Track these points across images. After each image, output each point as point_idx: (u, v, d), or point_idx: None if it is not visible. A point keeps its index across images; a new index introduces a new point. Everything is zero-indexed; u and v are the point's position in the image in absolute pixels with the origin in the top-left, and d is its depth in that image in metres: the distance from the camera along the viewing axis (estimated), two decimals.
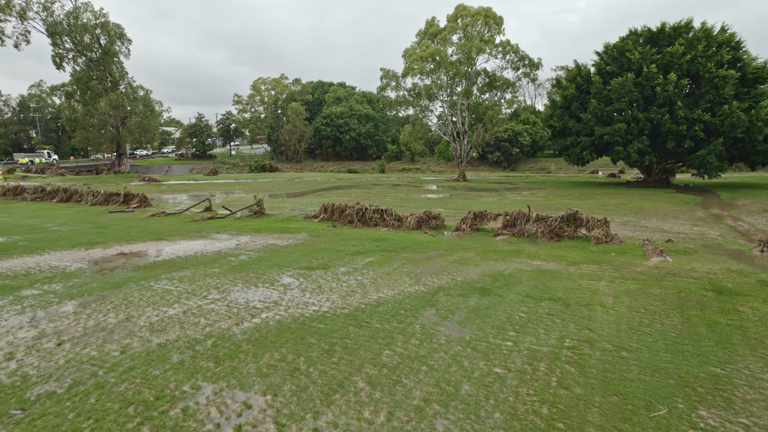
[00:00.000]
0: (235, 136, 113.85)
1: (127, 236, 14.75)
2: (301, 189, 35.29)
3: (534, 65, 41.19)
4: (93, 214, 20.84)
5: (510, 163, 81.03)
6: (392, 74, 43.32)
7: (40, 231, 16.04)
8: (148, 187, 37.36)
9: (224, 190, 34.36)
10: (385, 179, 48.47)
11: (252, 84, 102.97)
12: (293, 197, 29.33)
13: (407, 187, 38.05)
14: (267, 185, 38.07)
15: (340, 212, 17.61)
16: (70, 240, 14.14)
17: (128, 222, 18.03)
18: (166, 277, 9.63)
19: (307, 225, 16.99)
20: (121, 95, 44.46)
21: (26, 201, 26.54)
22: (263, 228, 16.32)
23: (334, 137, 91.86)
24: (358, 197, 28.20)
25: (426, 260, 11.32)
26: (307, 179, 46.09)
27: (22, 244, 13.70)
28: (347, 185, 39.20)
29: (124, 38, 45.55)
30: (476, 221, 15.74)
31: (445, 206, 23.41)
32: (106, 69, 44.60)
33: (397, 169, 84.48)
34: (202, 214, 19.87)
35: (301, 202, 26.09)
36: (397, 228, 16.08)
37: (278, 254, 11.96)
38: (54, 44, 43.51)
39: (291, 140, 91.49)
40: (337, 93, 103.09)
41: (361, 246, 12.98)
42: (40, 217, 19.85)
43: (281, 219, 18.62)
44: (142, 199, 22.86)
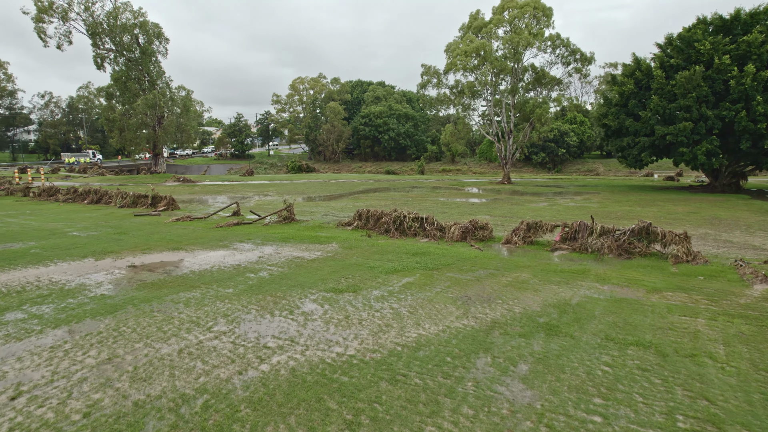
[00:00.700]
0: (273, 136, 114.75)
1: (144, 244, 13.77)
2: (337, 191, 34.12)
3: (586, 60, 38.57)
4: (118, 217, 20.21)
5: (555, 165, 77.72)
6: (434, 71, 41.61)
7: (59, 236, 15.33)
8: (181, 188, 37.14)
9: (257, 192, 33.60)
10: (424, 181, 46.81)
11: (290, 83, 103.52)
12: (327, 200, 28.15)
13: (448, 190, 36.30)
14: (301, 187, 37.16)
15: (376, 220, 16.15)
16: (84, 248, 13.26)
17: (150, 227, 17.17)
18: (171, 300, 8.40)
19: (339, 234, 15.61)
20: (156, 94, 44.70)
21: (58, 202, 26.44)
22: (291, 236, 15.05)
23: (372, 137, 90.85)
24: (395, 201, 26.71)
25: (474, 282, 9.68)
26: (343, 181, 45.02)
27: (34, 251, 12.91)
28: (385, 188, 37.83)
29: (161, 37, 45.83)
30: (530, 233, 13.94)
31: (491, 213, 21.59)
32: (144, 68, 44.95)
33: (436, 170, 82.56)
34: (229, 219, 18.85)
35: (335, 206, 24.82)
36: (439, 239, 14.47)
37: (303, 271, 10.59)
38: (94, 44, 44.20)
39: (329, 140, 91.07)
40: (376, 92, 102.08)
41: (398, 261, 11.46)
42: (65, 220, 19.33)
43: (312, 226, 17.33)
44: (170, 202, 22.15)
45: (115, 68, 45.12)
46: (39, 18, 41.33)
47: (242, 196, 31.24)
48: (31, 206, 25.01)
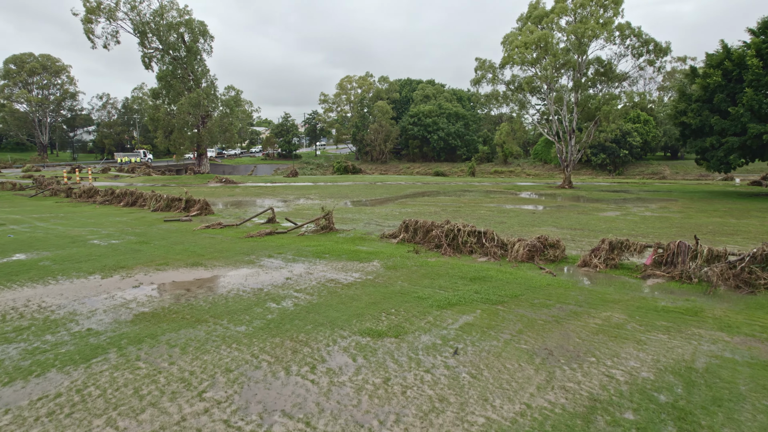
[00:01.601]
0: (321, 136, 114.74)
1: (162, 258, 12.38)
2: (382, 195, 32.33)
3: (661, 51, 34.90)
4: (147, 222, 19.20)
5: (616, 167, 72.87)
6: (488, 65, 39.05)
7: (78, 245, 14.26)
8: (222, 189, 36.47)
9: (299, 195, 32.30)
10: (476, 184, 44.29)
11: (338, 82, 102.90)
12: (372, 205, 26.36)
13: (503, 195, 33.73)
14: (345, 190, 35.63)
15: (425, 232, 14.15)
16: (97, 261, 12.01)
17: (176, 235, 15.89)
18: (167, 341, 6.75)
19: (383, 248, 13.71)
20: (200, 93, 44.50)
21: (96, 204, 26.04)
22: (328, 251, 13.29)
23: (421, 137, 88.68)
24: (445, 207, 24.57)
25: (553, 325, 7.52)
26: (390, 183, 43.23)
27: (43, 264, 11.76)
28: (434, 191, 35.69)
29: (206, 35, 45.66)
30: (613, 254, 11.53)
31: (557, 224, 19.09)
32: (189, 67, 44.87)
33: (488, 172, 79.42)
34: (262, 227, 17.36)
35: (380, 212, 22.97)
36: (500, 259, 12.30)
37: (336, 300, 8.75)
38: (141, 44, 44.55)
39: (376, 140, 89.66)
40: (426, 90, 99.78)
41: (453, 290, 9.43)
42: (93, 225, 18.47)
43: (352, 238, 15.53)
44: (203, 206, 21.01)
45: (161, 68, 45.37)
46: (87, 19, 42.02)
47: (282, 200, 30.00)
48: (67, 208, 24.66)
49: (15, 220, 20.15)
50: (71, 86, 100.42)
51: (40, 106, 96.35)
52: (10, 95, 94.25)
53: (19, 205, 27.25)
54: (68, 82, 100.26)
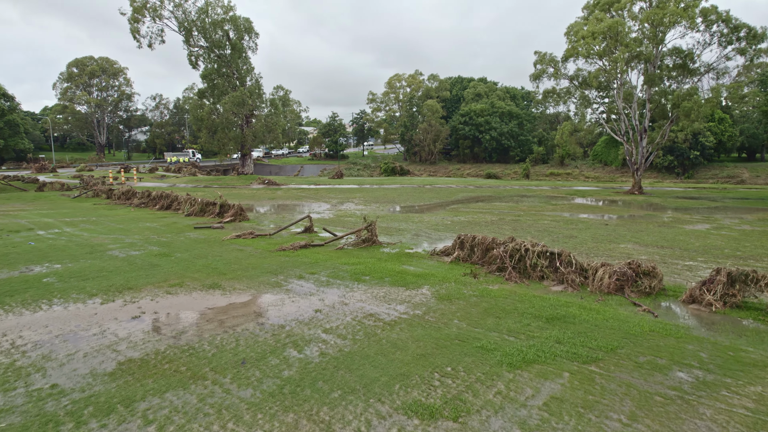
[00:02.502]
0: (368, 136, 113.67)
1: (177, 276, 10.88)
2: (432, 200, 30.20)
3: (755, 38, 30.89)
4: (176, 229, 17.99)
5: (685, 170, 67.42)
6: (550, 58, 36.10)
7: (95, 256, 13.07)
8: (263, 191, 35.44)
9: (342, 199, 30.68)
10: (534, 188, 41.32)
11: (387, 81, 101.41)
12: (420, 212, 24.32)
13: (566, 201, 30.84)
14: (392, 193, 33.76)
15: (484, 251, 12.02)
16: (106, 279, 10.65)
17: (202, 247, 14.45)
18: (144, 414, 5.04)
19: (434, 269, 11.69)
20: (244, 92, 43.80)
21: (132, 206, 25.39)
22: (368, 271, 11.40)
23: (472, 137, 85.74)
24: (503, 216, 22.20)
25: (680, 405, 5.30)
26: (440, 186, 41.02)
27: (47, 281, 10.52)
28: (488, 196, 33.19)
29: (251, 32, 45.00)
30: (733, 288, 9.03)
31: (639, 239, 16.42)
32: (233, 65, 44.29)
33: (543, 174, 75.60)
34: (297, 237, 15.72)
35: (430, 221, 20.91)
36: (579, 288, 10.02)
37: (374, 348, 6.83)
38: (186, 42, 44.41)
39: (425, 140, 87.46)
40: (477, 89, 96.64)
41: (526, 335, 7.32)
42: (119, 232, 17.43)
43: (397, 254, 13.59)
44: (237, 212, 19.67)
45: (207, 66, 45.12)
46: (134, 18, 42.26)
47: (324, 204, 28.45)
48: (102, 211, 24.07)
49: (46, 224, 19.51)
50: (127, 88, 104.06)
51: (99, 107, 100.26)
52: (73, 97, 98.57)
53: (59, 206, 27.06)
54: (125, 83, 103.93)
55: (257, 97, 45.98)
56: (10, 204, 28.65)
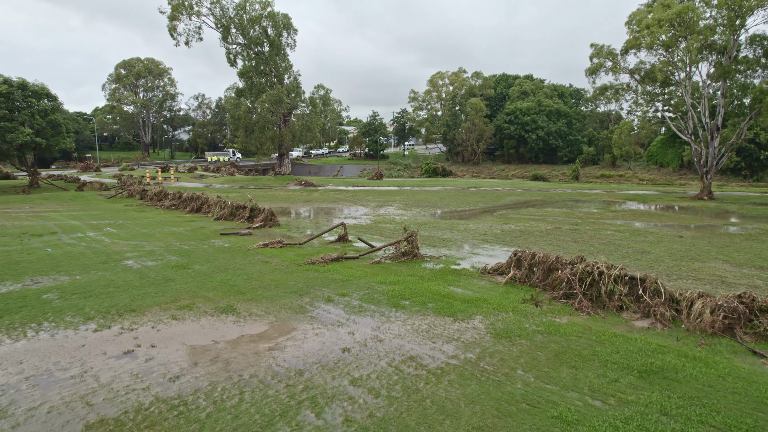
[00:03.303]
0: (409, 135, 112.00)
1: (190, 295, 9.59)
2: (477, 204, 28.26)
3: None
4: (201, 235, 16.88)
5: (754, 172, 62.36)
6: (608, 51, 33.39)
7: (108, 267, 12.03)
8: (299, 193, 34.36)
9: (381, 202, 29.13)
10: (587, 191, 38.54)
11: (429, 79, 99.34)
12: (466, 218, 22.46)
13: (627, 208, 28.15)
14: (434, 196, 31.97)
15: (546, 271, 10.19)
16: (110, 297, 9.50)
17: (225, 257, 13.17)
18: None
19: (486, 292, 9.95)
20: (281, 90, 42.91)
21: (162, 208, 24.69)
22: (409, 293, 9.78)
23: (517, 136, 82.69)
24: (558, 224, 20.10)
25: None
26: (485, 189, 38.89)
27: (47, 297, 9.47)
28: (538, 200, 30.90)
29: (290, 28, 44.12)
30: None
31: (729, 257, 14.08)
32: (271, 62, 43.51)
33: (593, 176, 71.84)
34: (330, 247, 14.27)
35: (477, 229, 19.06)
36: (671, 323, 8.08)
37: (416, 412, 5.22)
38: (224, 39, 43.99)
39: (468, 140, 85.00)
40: (523, 86, 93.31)
41: (617, 399, 5.54)
42: (142, 238, 16.47)
43: (441, 270, 11.90)
44: (268, 217, 18.45)
45: (245, 63, 44.59)
46: (173, 16, 42.16)
47: (361, 208, 27.00)
48: (131, 213, 23.43)
49: (70, 228, 18.87)
50: (172, 88, 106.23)
51: (145, 107, 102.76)
52: (120, 97, 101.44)
53: (92, 207, 26.76)
54: (169, 83, 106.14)
55: (296, 95, 45.08)
56: (46, 204, 28.63)
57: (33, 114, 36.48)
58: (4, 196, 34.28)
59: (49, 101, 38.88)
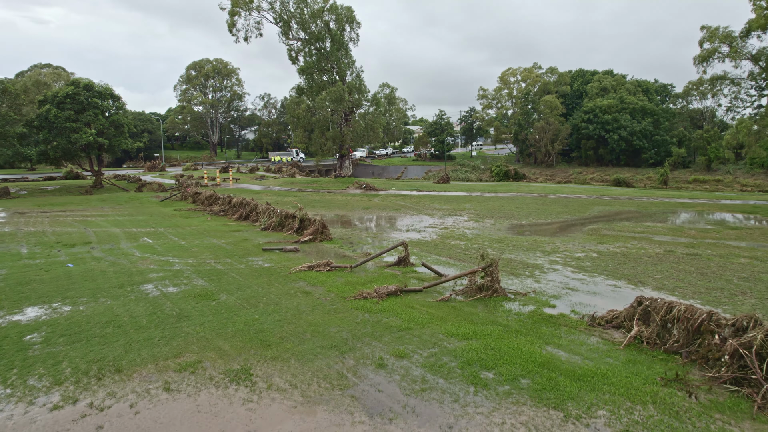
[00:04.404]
0: (477, 135, 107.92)
1: (201, 345, 7.45)
2: (561, 215, 24.74)
3: None
4: (241, 251, 14.91)
5: None
6: (724, 34, 28.73)
7: (122, 293, 10.33)
8: (358, 198, 32.20)
9: (448, 211, 26.29)
10: (688, 201, 33.56)
11: (500, 75, 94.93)
12: (551, 234, 19.21)
13: (754, 228, 23.19)
14: (509, 205, 28.71)
15: (690, 332, 7.15)
16: (105, 341, 7.67)
17: (258, 284, 10.98)
18: None
19: (603, 361, 7.06)
20: (342, 87, 40.96)
21: (209, 215, 23.21)
22: (492, 356, 7.10)
23: (597, 137, 76.72)
24: (671, 247, 16.47)
25: None
26: (566, 196, 34.99)
27: (29, 339, 7.80)
28: (632, 212, 26.73)
29: (353, 22, 42.14)
30: None
31: None
32: (332, 57, 41.71)
33: (684, 180, 65.00)
34: (386, 278, 11.77)
35: (568, 250, 15.86)
36: None
37: None
38: (284, 34, 42.73)
39: (542, 140, 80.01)
40: (603, 82, 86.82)
41: None
42: (176, 251, 14.78)
43: (532, 315, 9.05)
44: (318, 229, 16.26)
45: (306, 60, 43.08)
46: (233, 12, 41.42)
47: (426, 218, 24.34)
48: (176, 220, 22.11)
49: (107, 237, 17.61)
50: (239, 88, 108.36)
51: (213, 107, 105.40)
52: (190, 98, 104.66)
53: (141, 211, 25.88)
54: (237, 84, 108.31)
55: (358, 92, 43.05)
56: (99, 207, 28.17)
57: (96, 114, 36.73)
58: (68, 197, 34.60)
59: (113, 102, 39.13)
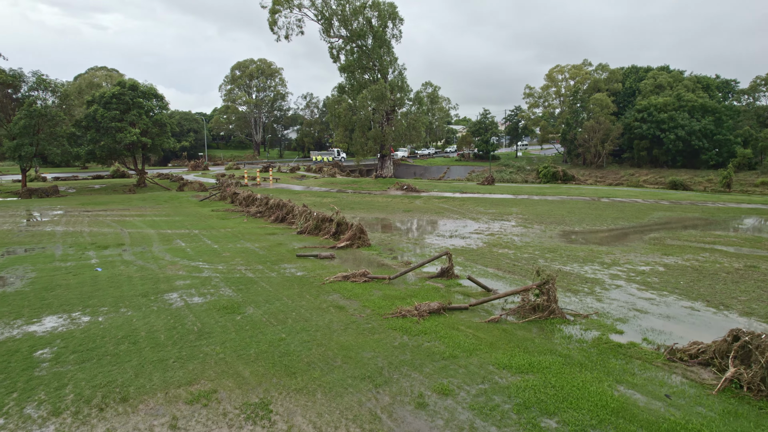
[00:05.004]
0: (523, 135, 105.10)
1: (219, 369, 6.67)
2: (617, 221, 22.92)
3: None
4: (275, 256, 14.20)
5: None
6: None
7: (146, 302, 9.77)
8: (399, 200, 31.21)
9: (494, 215, 24.92)
10: (760, 205, 30.76)
11: (547, 73, 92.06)
12: (608, 243, 17.61)
13: None
14: (559, 209, 27.03)
15: None
16: (116, 361, 7.05)
17: (288, 296, 10.15)
18: None
19: (692, 411, 5.81)
20: (384, 85, 39.97)
21: (245, 216, 22.74)
22: (554, 397, 5.99)
23: (651, 137, 72.98)
24: (748, 260, 14.72)
25: None
26: (620, 199, 32.83)
27: (39, 355, 7.34)
28: (697, 218, 24.50)
29: (396, 18, 41.14)
30: None
31: None
32: (373, 55, 40.82)
33: (751, 183, 60.77)
34: (427, 292, 10.73)
35: (630, 263, 14.34)
36: None
37: None
38: (326, 32, 42.16)
39: (591, 140, 76.83)
40: (659, 79, 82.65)
41: None
42: (207, 255, 14.24)
43: (599, 345, 7.81)
44: (356, 234, 15.38)
45: (348, 58, 42.41)
46: (274, 10, 41.17)
47: (471, 223, 23.11)
48: (213, 221, 21.73)
49: (141, 238, 17.31)
50: (282, 87, 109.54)
51: (257, 107, 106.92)
52: (235, 98, 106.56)
53: (179, 211, 25.74)
54: (280, 83, 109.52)
55: (400, 90, 42.02)
56: (139, 207, 28.29)
57: (140, 114, 37.25)
58: (111, 196, 35.19)
59: (157, 101, 39.61)
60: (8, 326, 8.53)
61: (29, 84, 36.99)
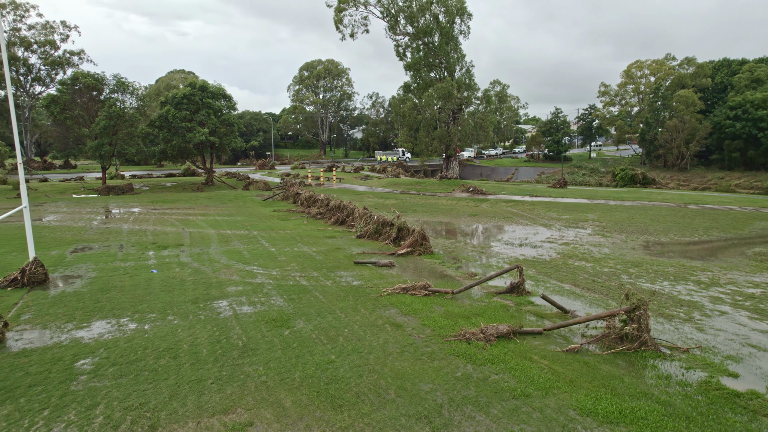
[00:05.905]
0: (597, 135, 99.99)
1: (259, 395, 6.01)
2: (710, 232, 20.50)
3: None
4: (332, 261, 13.60)
5: None
6: None
7: (194, 310, 9.43)
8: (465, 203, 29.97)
9: (568, 222, 23.13)
10: None
11: (624, 69, 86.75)
12: (702, 258, 15.62)
13: None
14: (641, 216, 24.69)
15: None
16: (150, 380, 6.54)
17: (343, 308, 9.43)
18: None
19: None
20: (450, 83, 38.64)
21: (305, 217, 22.39)
22: None
23: (746, 136, 66.94)
24: None
25: None
26: (711, 206, 29.72)
27: (80, 366, 6.92)
28: None
29: (464, 13, 39.71)
30: None
31: None
32: (440, 52, 39.60)
33: None
34: (495, 309, 9.67)
35: (733, 284, 12.53)
36: None
37: None
38: (392, 29, 41.41)
39: (674, 140, 71.63)
40: (756, 72, 75.69)
41: None
42: (263, 258, 13.91)
43: (707, 392, 6.49)
44: (417, 241, 14.48)
45: (414, 56, 41.51)
46: (340, 8, 40.94)
47: (542, 230, 21.58)
48: (273, 222, 21.51)
49: (200, 238, 17.28)
50: (349, 87, 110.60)
51: (323, 107, 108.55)
52: (302, 98, 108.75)
53: (241, 210, 25.86)
54: (347, 83, 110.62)
55: (467, 89, 40.59)
56: (204, 205, 28.77)
57: (209, 114, 38.22)
58: (180, 194, 36.25)
59: (225, 101, 40.53)
60: (59, 330, 8.38)
61: (110, 86, 39.03)
